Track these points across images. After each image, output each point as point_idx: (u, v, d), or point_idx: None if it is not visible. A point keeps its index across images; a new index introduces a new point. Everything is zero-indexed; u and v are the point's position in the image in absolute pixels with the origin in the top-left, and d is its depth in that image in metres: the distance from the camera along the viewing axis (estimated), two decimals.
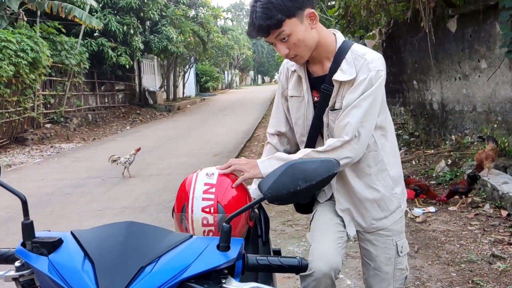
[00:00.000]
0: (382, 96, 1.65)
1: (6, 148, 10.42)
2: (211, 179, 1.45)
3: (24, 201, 1.04)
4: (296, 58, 1.62)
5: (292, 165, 0.98)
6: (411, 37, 7.69)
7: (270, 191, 0.96)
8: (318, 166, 0.97)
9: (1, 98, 9.94)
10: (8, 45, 9.55)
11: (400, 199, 1.81)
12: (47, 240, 1.00)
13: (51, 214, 5.33)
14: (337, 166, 0.99)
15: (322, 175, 0.97)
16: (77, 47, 13.61)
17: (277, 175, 0.97)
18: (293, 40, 1.54)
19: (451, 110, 7.11)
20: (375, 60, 1.60)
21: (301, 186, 0.96)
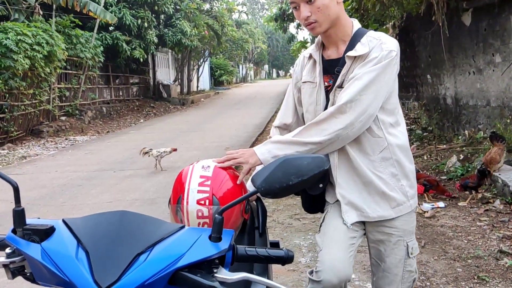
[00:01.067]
0: (393, 80, 1.63)
1: (22, 140, 10.63)
2: (206, 172, 1.45)
3: (16, 188, 1.04)
4: (314, 25, 1.60)
5: (284, 160, 1.01)
6: (425, 31, 7.58)
7: (264, 185, 0.99)
8: (309, 162, 1.02)
9: (17, 91, 10.12)
10: (24, 38, 9.70)
11: (407, 193, 1.73)
12: (39, 227, 1.00)
13: (63, 205, 5.43)
14: (327, 162, 1.05)
15: (313, 171, 1.01)
16: (92, 41, 13.75)
17: (270, 170, 1.00)
18: (318, 4, 1.56)
19: (464, 104, 7.01)
20: (388, 41, 1.61)
21: (293, 181, 0.99)
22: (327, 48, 1.73)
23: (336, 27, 1.64)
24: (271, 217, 4.62)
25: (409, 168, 1.74)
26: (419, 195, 4.98)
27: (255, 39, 46.83)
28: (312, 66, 1.76)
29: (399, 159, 1.70)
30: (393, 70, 1.61)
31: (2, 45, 9.29)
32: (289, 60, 67.11)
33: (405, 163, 1.72)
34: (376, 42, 1.60)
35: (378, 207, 1.70)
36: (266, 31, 56.26)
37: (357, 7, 8.50)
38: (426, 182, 4.81)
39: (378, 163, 1.68)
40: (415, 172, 1.83)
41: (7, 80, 9.57)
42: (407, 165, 1.73)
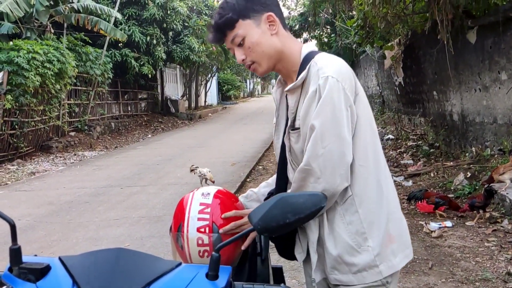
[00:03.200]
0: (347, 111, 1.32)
1: (31, 156, 10.75)
2: (206, 199, 1.46)
3: (13, 226, 1.04)
4: (254, 66, 1.45)
5: (281, 198, 1.01)
6: (430, 48, 7.61)
7: (260, 223, 0.99)
8: (306, 200, 1.01)
9: (28, 107, 10.28)
10: (35, 56, 9.88)
11: (374, 255, 1.35)
12: (35, 266, 1.01)
13: (69, 222, 5.46)
14: (324, 200, 1.02)
15: (310, 209, 1.00)
16: (101, 58, 13.97)
17: (267, 208, 1.00)
18: (247, 44, 1.41)
19: (471, 121, 6.99)
20: (326, 66, 1.33)
21: (290, 219, 0.99)
22: (285, 82, 1.54)
23: (283, 61, 1.46)
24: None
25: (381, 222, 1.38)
26: (426, 214, 4.97)
27: None
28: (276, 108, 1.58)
29: (368, 210, 1.36)
30: (340, 100, 1.30)
31: (14, 63, 9.47)
32: None
33: (376, 215, 1.37)
34: (314, 70, 1.35)
35: (337, 272, 1.40)
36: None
37: (363, 24, 8.57)
38: (438, 199, 4.79)
39: (339, 216, 1.37)
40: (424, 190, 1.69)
41: (18, 97, 9.74)
42: (379, 217, 1.37)
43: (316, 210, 1.01)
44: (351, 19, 10.06)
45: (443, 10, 5.84)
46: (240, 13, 1.40)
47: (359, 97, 1.39)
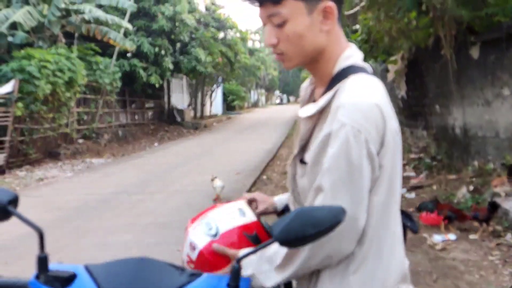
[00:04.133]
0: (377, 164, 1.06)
1: (40, 163, 10.92)
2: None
3: (41, 234, 1.05)
4: (282, 58, 1.15)
5: (300, 211, 1.00)
6: (434, 62, 7.75)
7: (281, 235, 0.99)
8: (325, 213, 0.99)
9: (38, 115, 10.48)
10: (46, 65, 10.11)
11: None
12: (61, 274, 1.03)
13: (77, 229, 5.57)
14: (343, 214, 0.98)
15: (330, 222, 0.98)
16: (110, 67, 14.21)
17: (287, 220, 0.99)
18: (287, 31, 1.09)
19: (473, 135, 7.09)
20: (350, 105, 1.03)
21: (309, 232, 0.98)
22: (316, 85, 1.24)
23: (318, 63, 1.16)
24: None
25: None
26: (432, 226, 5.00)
27: (266, 66, 47.53)
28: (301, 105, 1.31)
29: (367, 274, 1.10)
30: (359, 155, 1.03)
31: (25, 72, 9.68)
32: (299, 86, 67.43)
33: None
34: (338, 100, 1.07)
35: None
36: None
37: (366, 38, 8.74)
38: (451, 213, 4.76)
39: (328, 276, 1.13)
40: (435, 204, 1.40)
41: (29, 104, 9.94)
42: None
43: (335, 224, 0.97)
44: (355, 33, 10.23)
45: (446, 26, 5.99)
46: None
47: (387, 142, 1.06)
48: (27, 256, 4.61)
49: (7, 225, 1.09)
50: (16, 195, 1.14)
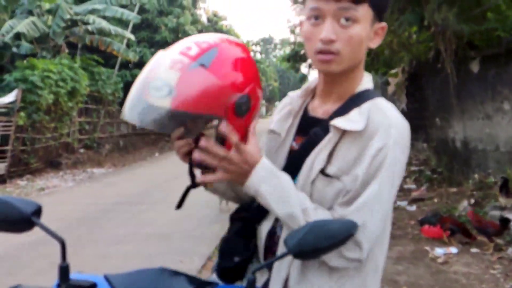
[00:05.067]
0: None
1: (41, 172, 10.94)
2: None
3: (63, 244, 1.07)
4: (332, 58, 1.09)
5: (315, 224, 1.02)
6: (434, 76, 7.81)
7: (296, 247, 1.01)
8: (339, 226, 1.02)
9: (40, 124, 10.53)
10: (49, 75, 10.19)
11: None
12: (82, 284, 1.06)
13: (79, 239, 5.55)
14: (355, 227, 1.02)
15: (343, 234, 1.01)
16: (113, 78, 14.31)
17: (302, 233, 1.01)
18: (353, 32, 1.07)
19: (474, 148, 7.13)
20: (400, 126, 1.09)
21: (323, 244, 1.00)
22: (318, 98, 1.23)
23: (349, 76, 1.16)
24: None
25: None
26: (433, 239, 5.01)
27: (267, 77, 47.82)
28: (286, 115, 1.28)
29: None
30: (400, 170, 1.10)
31: (28, 81, 9.75)
32: None
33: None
34: (382, 119, 1.09)
35: None
36: (278, 69, 57.48)
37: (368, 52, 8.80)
38: (454, 227, 4.75)
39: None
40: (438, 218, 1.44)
41: (31, 114, 10.00)
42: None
43: (348, 236, 1.01)
44: None
45: (447, 40, 6.06)
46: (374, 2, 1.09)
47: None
48: (31, 265, 4.63)
49: (7, 235, 1.09)
50: (39, 206, 1.16)
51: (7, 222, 1.10)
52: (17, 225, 1.11)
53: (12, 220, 1.10)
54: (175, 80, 0.97)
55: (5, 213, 1.09)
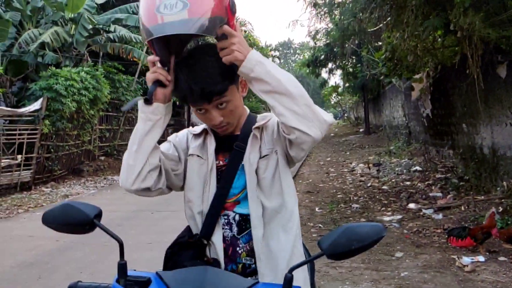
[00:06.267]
0: None
1: (64, 179, 11.09)
2: None
3: (121, 244, 1.23)
4: (226, 127, 1.49)
5: (347, 228, 1.14)
6: (460, 81, 7.66)
7: (330, 248, 1.12)
8: (369, 229, 1.14)
9: (63, 132, 10.68)
10: (73, 83, 10.35)
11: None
12: (138, 279, 1.19)
13: (103, 245, 5.60)
14: (384, 231, 1.15)
15: (372, 237, 1.12)
16: (133, 85, 14.45)
17: (335, 236, 1.13)
18: (230, 107, 1.43)
19: (502, 155, 6.94)
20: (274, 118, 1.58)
21: (354, 246, 1.11)
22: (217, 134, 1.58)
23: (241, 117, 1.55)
24: None
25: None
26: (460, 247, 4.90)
27: None
28: (202, 142, 1.57)
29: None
30: None
31: (53, 90, 9.92)
32: (319, 103, 67.70)
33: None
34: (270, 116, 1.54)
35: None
36: (298, 75, 57.41)
37: (391, 56, 8.70)
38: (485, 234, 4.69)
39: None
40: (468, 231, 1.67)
41: (55, 122, 10.16)
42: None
43: (377, 239, 1.13)
44: (378, 50, 10.21)
45: (473, 45, 5.93)
46: (232, 78, 1.41)
47: None
48: (59, 270, 4.69)
49: (36, 240, 1.18)
50: (100, 210, 1.33)
51: (73, 224, 1.29)
52: (81, 227, 1.29)
53: (77, 222, 1.28)
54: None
55: (72, 215, 1.28)
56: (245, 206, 1.48)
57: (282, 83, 1.33)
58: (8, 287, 4.34)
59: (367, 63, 15.98)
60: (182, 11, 1.22)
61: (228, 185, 1.48)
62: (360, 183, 9.65)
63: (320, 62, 23.24)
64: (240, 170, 1.49)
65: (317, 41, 21.74)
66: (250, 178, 1.46)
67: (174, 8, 1.22)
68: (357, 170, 11.61)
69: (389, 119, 19.15)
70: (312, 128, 1.33)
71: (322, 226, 6.21)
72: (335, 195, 8.53)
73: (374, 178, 10.06)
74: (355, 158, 14.61)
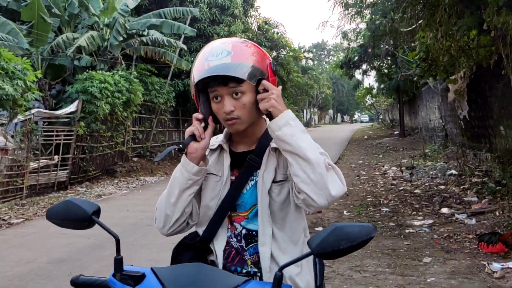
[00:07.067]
0: None
1: (98, 179, 11.41)
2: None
3: (117, 239, 1.25)
4: (236, 121, 1.47)
5: (336, 228, 1.14)
6: (496, 82, 7.37)
7: (318, 248, 1.13)
8: (359, 229, 1.13)
9: (97, 133, 11.00)
10: (107, 86, 10.65)
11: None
12: (133, 274, 1.22)
13: (133, 244, 5.73)
14: (374, 231, 1.14)
15: (362, 238, 1.12)
16: (165, 87, 14.71)
17: (324, 235, 1.13)
18: (244, 100, 1.44)
19: None
20: None
21: (343, 246, 1.11)
22: (237, 142, 1.60)
23: (254, 125, 1.53)
24: (331, 267, 4.58)
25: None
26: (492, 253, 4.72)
27: (320, 85, 47.42)
28: (217, 158, 1.60)
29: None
30: None
31: (88, 93, 10.24)
32: (354, 105, 66.78)
33: None
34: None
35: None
36: (332, 76, 56.84)
37: (425, 57, 8.48)
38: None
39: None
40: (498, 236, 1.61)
41: (90, 123, 10.48)
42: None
43: (367, 239, 1.12)
44: (413, 51, 9.96)
45: (508, 45, 5.69)
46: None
47: None
48: (90, 266, 4.83)
49: (69, 238, 1.22)
50: (99, 207, 1.36)
51: (73, 220, 1.34)
52: (80, 223, 1.33)
53: (77, 218, 1.33)
54: (229, 47, 1.42)
55: (73, 212, 1.33)
56: (254, 222, 1.51)
57: (302, 148, 1.38)
58: (42, 282, 4.51)
59: (401, 63, 15.64)
60: (226, 57, 1.39)
61: (237, 195, 1.52)
62: (391, 187, 9.44)
63: (354, 64, 22.94)
64: (252, 186, 1.52)
65: (350, 42, 21.46)
66: (262, 198, 1.49)
67: (219, 55, 1.40)
68: (389, 173, 11.37)
69: (425, 121, 18.67)
70: (320, 197, 1.37)
71: None
72: (364, 198, 8.38)
73: (407, 182, 9.81)
74: (388, 161, 14.31)
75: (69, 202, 1.35)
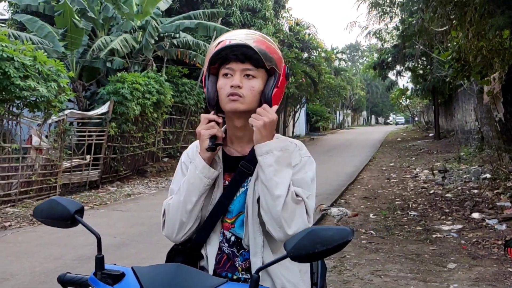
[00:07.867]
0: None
1: (128, 179, 11.68)
2: None
3: (99, 239, 1.29)
4: (238, 98, 1.45)
5: (311, 231, 1.14)
6: None
7: (293, 251, 1.13)
8: (334, 233, 1.12)
9: (128, 134, 11.26)
10: (137, 87, 10.89)
11: None
12: (113, 272, 1.24)
13: (157, 243, 5.82)
14: (351, 234, 1.13)
15: (337, 241, 1.11)
16: (195, 89, 14.89)
17: (299, 238, 1.13)
18: (253, 84, 1.46)
19: None
20: (303, 148, 1.60)
21: (318, 249, 1.11)
22: (231, 144, 1.58)
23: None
24: (351, 271, 4.51)
25: None
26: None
27: (353, 86, 46.75)
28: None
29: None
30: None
31: (119, 94, 10.51)
32: (388, 106, 65.47)
33: None
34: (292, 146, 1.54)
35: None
36: (365, 78, 55.94)
37: (458, 57, 8.24)
38: None
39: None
40: None
41: (121, 124, 10.74)
42: None
43: (343, 243, 1.12)
44: (445, 52, 9.70)
45: None
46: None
47: None
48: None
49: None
50: (82, 206, 1.39)
51: (56, 218, 1.36)
52: (63, 221, 1.35)
53: (60, 217, 1.35)
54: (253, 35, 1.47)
55: (56, 210, 1.35)
56: (239, 230, 1.51)
57: (272, 182, 1.38)
58: None
59: (435, 64, 15.22)
60: (249, 40, 1.43)
61: (227, 202, 1.51)
62: (421, 190, 9.20)
63: (387, 64, 22.52)
64: (242, 193, 1.51)
65: (384, 42, 21.08)
66: (252, 206, 1.47)
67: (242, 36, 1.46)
68: (421, 177, 11.08)
69: (461, 124, 18.10)
70: (278, 232, 1.38)
71: (374, 233, 5.99)
72: (393, 202, 8.20)
73: (438, 185, 9.54)
74: (420, 164, 13.95)
75: (54, 201, 1.37)
